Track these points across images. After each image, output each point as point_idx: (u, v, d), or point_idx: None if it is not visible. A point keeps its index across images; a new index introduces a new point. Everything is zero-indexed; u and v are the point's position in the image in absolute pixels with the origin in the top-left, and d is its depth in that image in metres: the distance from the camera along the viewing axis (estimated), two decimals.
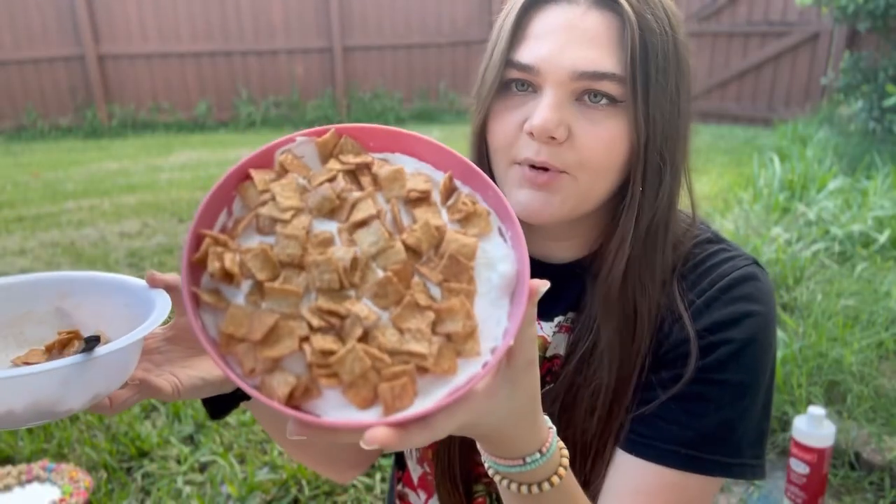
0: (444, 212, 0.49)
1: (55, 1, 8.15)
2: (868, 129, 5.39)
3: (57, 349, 0.66)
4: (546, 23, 0.70)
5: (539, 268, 0.84)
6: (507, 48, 0.71)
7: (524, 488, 0.60)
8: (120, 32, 8.48)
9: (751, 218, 3.93)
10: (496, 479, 0.61)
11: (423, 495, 1.01)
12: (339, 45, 9.05)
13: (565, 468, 0.61)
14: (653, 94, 0.69)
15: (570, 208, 0.74)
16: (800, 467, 1.87)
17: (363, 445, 0.41)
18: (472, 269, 0.47)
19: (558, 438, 0.61)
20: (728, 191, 4.85)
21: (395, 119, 9.38)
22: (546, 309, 0.83)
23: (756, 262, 0.79)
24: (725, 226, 3.79)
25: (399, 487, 1.06)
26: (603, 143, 0.70)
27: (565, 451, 0.62)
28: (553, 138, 0.69)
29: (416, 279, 0.46)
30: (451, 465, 0.89)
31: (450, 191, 0.51)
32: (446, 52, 9.48)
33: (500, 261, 0.48)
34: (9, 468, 2.07)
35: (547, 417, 0.60)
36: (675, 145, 0.73)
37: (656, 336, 0.77)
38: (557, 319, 0.84)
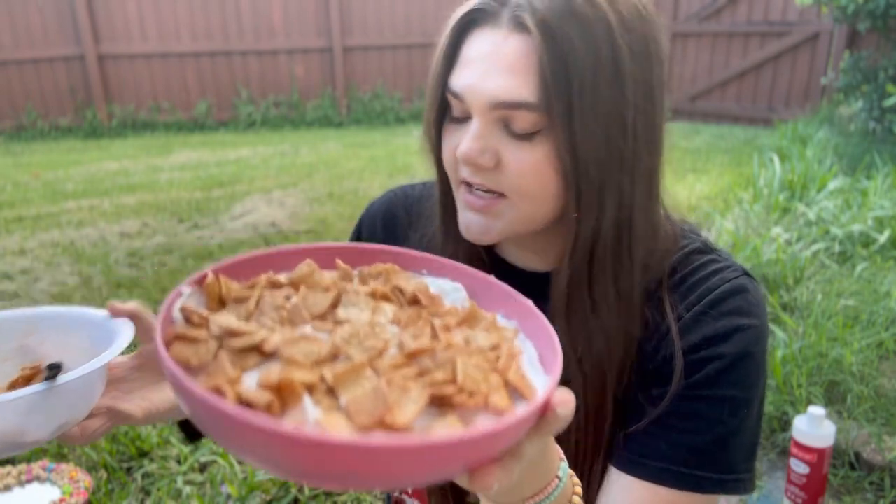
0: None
1: (55, 1, 8.16)
2: (868, 129, 5.39)
3: (20, 384, 0.66)
4: (474, 48, 0.69)
5: (515, 274, 0.83)
6: (442, 72, 0.71)
7: None
8: (120, 32, 8.48)
9: (751, 218, 3.93)
10: None
11: None
12: (339, 45, 9.05)
13: None
14: (578, 118, 0.64)
15: (512, 230, 0.73)
16: (800, 467, 1.87)
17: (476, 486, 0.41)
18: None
19: (569, 472, 0.59)
20: (728, 191, 4.85)
21: (395, 119, 9.38)
22: None
23: (746, 273, 0.77)
24: (725, 226, 3.78)
25: (396, 493, 1.06)
26: (530, 168, 0.68)
27: (577, 481, 0.61)
28: (479, 165, 0.69)
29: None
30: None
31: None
32: None
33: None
34: (9, 468, 2.07)
35: (558, 448, 0.58)
36: (617, 167, 0.68)
37: (639, 352, 0.75)
38: None
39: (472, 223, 0.74)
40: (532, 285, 0.77)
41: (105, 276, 3.76)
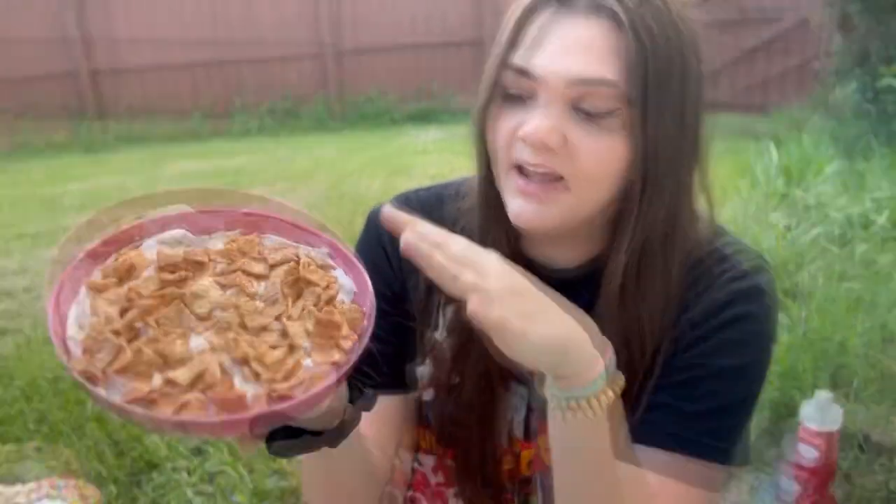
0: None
1: (47, 17, 8.16)
2: (863, 111, 5.39)
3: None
4: (545, 29, 0.69)
5: (541, 273, 0.79)
6: (505, 52, 0.70)
7: (590, 407, 0.62)
8: (112, 46, 8.48)
9: (749, 205, 3.93)
10: (559, 414, 0.63)
11: None
12: (331, 50, 9.06)
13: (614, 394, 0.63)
14: (652, 102, 0.67)
15: (563, 219, 0.73)
16: (809, 452, 1.87)
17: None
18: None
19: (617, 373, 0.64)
20: (725, 179, 4.84)
21: (391, 121, 9.38)
22: None
23: (761, 257, 0.79)
24: (724, 214, 3.78)
25: (410, 492, 1.06)
26: (599, 153, 0.68)
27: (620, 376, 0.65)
28: (546, 146, 0.68)
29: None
30: (470, 461, 0.90)
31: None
32: (439, 53, 9.47)
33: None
34: (18, 487, 2.07)
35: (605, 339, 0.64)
36: (678, 157, 0.71)
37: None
38: None
39: (526, 211, 0.71)
40: (562, 286, 0.71)
41: None
